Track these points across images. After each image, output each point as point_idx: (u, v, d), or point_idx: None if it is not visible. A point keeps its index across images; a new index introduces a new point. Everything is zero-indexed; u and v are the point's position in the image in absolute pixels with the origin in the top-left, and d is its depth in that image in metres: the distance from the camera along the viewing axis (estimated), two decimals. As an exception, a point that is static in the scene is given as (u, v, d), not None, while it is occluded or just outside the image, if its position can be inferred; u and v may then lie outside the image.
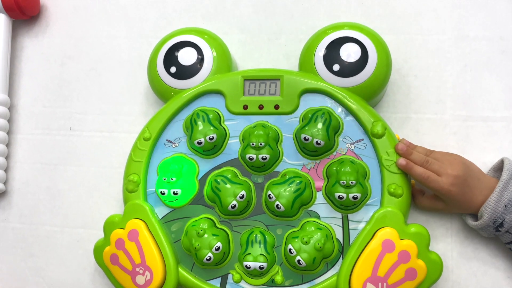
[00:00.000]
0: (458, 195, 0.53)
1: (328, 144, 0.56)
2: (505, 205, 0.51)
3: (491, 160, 0.58)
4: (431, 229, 0.56)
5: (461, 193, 0.53)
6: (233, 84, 0.60)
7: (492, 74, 0.62)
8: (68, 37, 0.74)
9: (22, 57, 0.75)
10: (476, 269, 0.57)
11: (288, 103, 0.59)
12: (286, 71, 0.60)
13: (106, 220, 0.60)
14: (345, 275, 0.52)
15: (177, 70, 0.62)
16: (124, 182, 0.61)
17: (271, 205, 0.55)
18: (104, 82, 0.71)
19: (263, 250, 0.55)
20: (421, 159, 0.54)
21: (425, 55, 0.63)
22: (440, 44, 0.63)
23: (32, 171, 0.70)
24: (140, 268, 0.56)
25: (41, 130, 0.72)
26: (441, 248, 0.58)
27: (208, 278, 0.57)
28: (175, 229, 0.59)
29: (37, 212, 0.69)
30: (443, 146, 0.60)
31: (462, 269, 0.58)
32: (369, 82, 0.58)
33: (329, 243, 0.54)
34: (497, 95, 0.61)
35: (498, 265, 0.57)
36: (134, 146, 0.62)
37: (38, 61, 0.74)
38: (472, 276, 0.57)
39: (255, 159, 0.56)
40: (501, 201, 0.51)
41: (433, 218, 0.59)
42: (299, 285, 0.55)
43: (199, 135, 0.57)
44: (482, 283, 0.57)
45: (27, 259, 0.68)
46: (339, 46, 0.58)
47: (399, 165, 0.54)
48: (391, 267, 0.51)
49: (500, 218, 0.52)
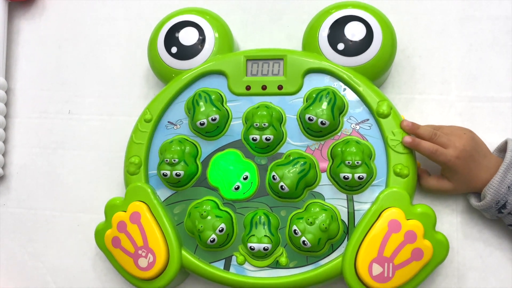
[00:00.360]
0: (464, 169, 0.52)
1: (333, 124, 0.55)
2: (508, 186, 0.51)
3: (497, 140, 0.58)
4: (436, 210, 0.55)
5: (467, 167, 0.52)
6: (236, 64, 0.59)
7: (497, 54, 0.61)
8: (65, 20, 0.72)
9: (18, 40, 0.73)
10: (481, 250, 0.57)
11: (291, 83, 0.58)
12: (289, 50, 0.59)
13: (107, 203, 0.59)
14: (350, 256, 0.52)
15: (178, 51, 0.61)
16: (125, 165, 0.60)
17: (275, 186, 0.54)
18: (103, 64, 0.70)
19: (267, 232, 0.54)
20: (429, 133, 0.53)
21: (430, 36, 0.62)
22: (445, 25, 0.62)
23: (31, 156, 0.69)
24: (142, 250, 0.55)
25: (39, 113, 0.70)
26: (446, 229, 0.57)
27: (212, 260, 0.56)
28: (177, 211, 0.58)
29: (36, 196, 0.68)
30: None
31: (467, 250, 0.57)
32: (374, 61, 0.57)
33: (334, 224, 0.53)
34: (503, 76, 0.60)
35: (504, 246, 0.56)
36: (135, 128, 0.61)
37: (35, 44, 0.73)
38: (478, 257, 0.57)
39: (258, 140, 0.55)
40: (504, 182, 0.51)
41: (439, 200, 0.58)
42: (304, 266, 0.54)
43: (201, 116, 0.56)
44: (488, 264, 0.56)
45: (26, 244, 0.67)
46: (343, 25, 0.57)
47: (405, 143, 0.53)
48: (397, 247, 0.51)
49: (503, 200, 0.51)
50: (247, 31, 0.67)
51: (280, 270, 0.55)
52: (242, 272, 0.55)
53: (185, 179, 0.57)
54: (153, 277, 0.55)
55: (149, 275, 0.55)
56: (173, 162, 0.56)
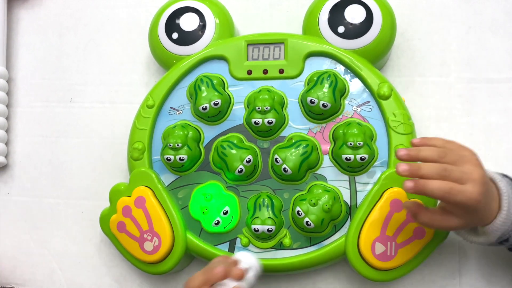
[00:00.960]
0: (485, 205, 0.42)
1: (334, 106, 0.56)
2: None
3: (496, 121, 0.58)
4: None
5: (486, 203, 0.43)
6: (237, 49, 0.60)
7: (496, 35, 0.61)
8: (65, 8, 0.72)
9: (18, 29, 0.73)
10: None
11: (293, 67, 0.58)
12: (290, 34, 0.59)
13: (112, 188, 0.59)
14: (353, 235, 0.53)
15: (179, 36, 0.61)
16: (128, 150, 0.61)
17: (278, 169, 0.55)
18: (103, 52, 0.70)
19: (270, 214, 0.55)
20: (436, 169, 0.42)
21: (429, 19, 0.63)
22: (444, 7, 0.63)
23: (33, 144, 0.70)
24: (148, 234, 0.56)
25: (41, 102, 0.71)
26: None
27: (216, 243, 0.57)
28: (181, 195, 0.58)
29: (39, 185, 0.69)
30: (448, 108, 0.60)
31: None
32: (375, 44, 0.57)
33: (336, 205, 0.54)
34: (502, 57, 0.60)
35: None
36: (138, 114, 0.61)
37: (35, 33, 0.73)
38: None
39: (261, 124, 0.56)
40: (509, 218, 0.43)
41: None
42: (307, 247, 0.55)
43: (204, 101, 0.57)
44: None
45: (31, 232, 0.68)
46: (343, 8, 0.58)
47: (406, 189, 0.42)
48: (399, 226, 0.52)
49: (506, 236, 0.44)
50: (247, 16, 0.67)
51: (284, 251, 0.55)
52: (246, 254, 0.56)
53: (188, 164, 0.57)
54: (158, 261, 0.56)
55: (155, 259, 0.56)
56: (176, 147, 0.56)
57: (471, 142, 0.57)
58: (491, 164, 0.57)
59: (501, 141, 0.59)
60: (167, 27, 0.62)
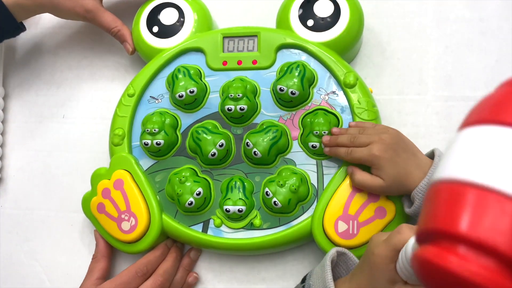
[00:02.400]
0: (389, 162, 0.50)
1: (303, 94, 0.59)
2: None
3: None
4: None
5: (391, 161, 0.50)
6: (213, 41, 0.63)
7: (472, 54, 0.63)
8: (60, 27, 0.75)
9: (16, 47, 0.76)
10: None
11: (265, 58, 0.62)
12: (263, 28, 0.63)
13: (93, 172, 0.62)
14: (319, 215, 0.55)
15: (159, 30, 0.65)
16: (110, 137, 0.64)
17: (249, 153, 0.58)
18: (96, 70, 0.73)
19: (242, 195, 0.58)
20: (347, 138, 0.54)
21: (408, 38, 0.65)
22: (422, 27, 0.65)
23: (27, 158, 0.72)
24: (125, 214, 0.59)
25: (35, 118, 0.73)
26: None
27: (191, 224, 0.60)
28: (159, 179, 0.61)
29: (32, 197, 0.70)
30: (426, 125, 0.62)
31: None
32: (342, 36, 0.60)
33: (303, 187, 0.57)
34: (477, 75, 0.62)
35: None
36: (119, 102, 0.64)
37: (32, 51, 0.75)
38: None
39: (233, 110, 0.59)
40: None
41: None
42: (276, 227, 0.58)
43: (180, 89, 0.60)
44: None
45: (23, 244, 0.69)
46: (313, 3, 0.61)
47: (325, 152, 0.56)
48: (361, 205, 0.54)
49: None
50: (225, 12, 0.70)
51: (254, 231, 0.58)
52: (219, 234, 0.59)
53: (165, 149, 0.61)
54: (135, 240, 0.59)
55: (132, 238, 0.58)
56: (153, 132, 0.59)
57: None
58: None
59: None
60: (148, 21, 0.65)
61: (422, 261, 0.27)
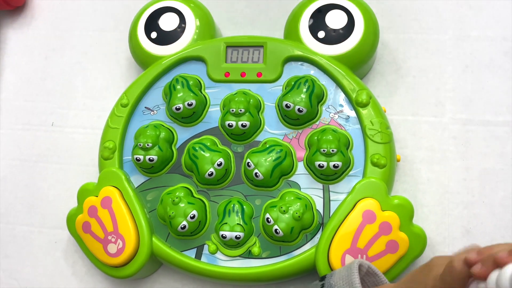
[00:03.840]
0: None
1: (311, 112, 0.54)
2: None
3: (492, 166, 0.56)
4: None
5: None
6: (215, 51, 0.59)
7: (494, 76, 0.58)
8: (53, 29, 0.71)
9: (5, 49, 0.71)
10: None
11: (271, 71, 0.57)
12: (270, 38, 0.58)
13: (80, 188, 0.58)
14: (324, 246, 0.50)
15: (158, 36, 0.60)
16: (99, 149, 0.59)
17: (249, 174, 0.53)
18: (89, 76, 0.68)
19: (240, 220, 0.53)
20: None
21: (425, 55, 0.60)
22: (440, 44, 0.60)
23: (10, 168, 0.67)
24: (112, 236, 0.54)
25: (22, 125, 0.68)
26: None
27: (183, 249, 0.55)
28: (150, 198, 0.57)
29: (14, 211, 0.65)
30: (442, 150, 0.57)
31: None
32: (355, 50, 0.56)
33: (308, 213, 0.52)
34: (499, 99, 0.58)
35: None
36: (111, 112, 0.60)
37: (22, 54, 0.71)
38: None
39: (234, 126, 0.54)
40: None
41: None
42: (277, 257, 0.53)
43: (178, 101, 0.55)
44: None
45: (1, 260, 0.64)
46: (325, 13, 0.57)
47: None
48: (371, 238, 0.49)
49: None
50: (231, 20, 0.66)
51: (253, 260, 0.53)
52: (213, 261, 0.54)
53: (159, 165, 0.56)
54: (122, 264, 0.54)
55: (118, 261, 0.53)
56: (146, 147, 0.55)
57: (465, 188, 0.56)
58: (486, 212, 0.55)
59: (497, 188, 0.55)
60: (147, 26, 0.61)
61: None
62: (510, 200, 0.55)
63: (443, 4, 0.62)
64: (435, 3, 0.62)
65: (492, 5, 0.61)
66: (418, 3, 0.62)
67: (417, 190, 0.57)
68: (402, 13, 0.62)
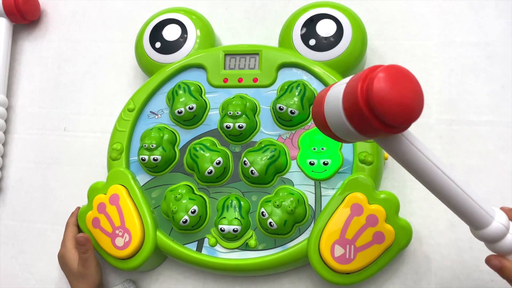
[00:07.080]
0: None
1: (303, 114, 0.58)
2: None
3: (476, 163, 0.59)
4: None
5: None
6: (215, 58, 0.63)
7: (477, 79, 0.62)
8: (65, 41, 0.76)
9: (21, 60, 0.77)
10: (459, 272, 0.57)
11: (266, 76, 0.61)
12: (265, 46, 0.63)
13: (90, 186, 0.62)
14: (315, 238, 0.54)
15: (161, 45, 0.65)
16: (108, 151, 0.64)
17: (246, 171, 0.57)
18: (99, 84, 0.73)
19: (238, 215, 0.57)
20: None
21: (412, 60, 0.64)
22: (426, 50, 0.64)
23: (26, 170, 0.72)
24: (119, 230, 0.58)
25: (36, 130, 0.73)
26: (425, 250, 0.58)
27: (185, 242, 0.59)
28: (155, 195, 0.61)
29: (29, 209, 0.70)
30: (428, 149, 0.61)
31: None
32: (344, 56, 0.60)
33: (300, 208, 0.55)
34: (482, 100, 0.61)
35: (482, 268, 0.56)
36: (119, 117, 0.64)
37: (37, 64, 0.76)
38: (456, 279, 0.57)
39: (232, 128, 0.58)
40: None
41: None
42: (272, 249, 0.56)
43: (180, 105, 0.60)
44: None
45: (18, 256, 0.69)
46: (315, 22, 0.61)
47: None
48: (359, 230, 0.53)
49: None
50: (229, 30, 0.70)
51: (249, 252, 0.57)
52: (213, 253, 0.58)
53: (162, 165, 0.60)
54: (128, 256, 0.58)
55: (125, 254, 0.58)
56: (151, 148, 0.59)
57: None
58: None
59: (481, 183, 0.58)
60: (152, 37, 0.66)
61: None
62: (493, 194, 0.58)
63: (429, 12, 0.66)
64: (422, 11, 0.66)
65: (475, 12, 0.64)
66: (405, 11, 0.66)
67: (405, 187, 0.60)
68: (390, 21, 0.67)
